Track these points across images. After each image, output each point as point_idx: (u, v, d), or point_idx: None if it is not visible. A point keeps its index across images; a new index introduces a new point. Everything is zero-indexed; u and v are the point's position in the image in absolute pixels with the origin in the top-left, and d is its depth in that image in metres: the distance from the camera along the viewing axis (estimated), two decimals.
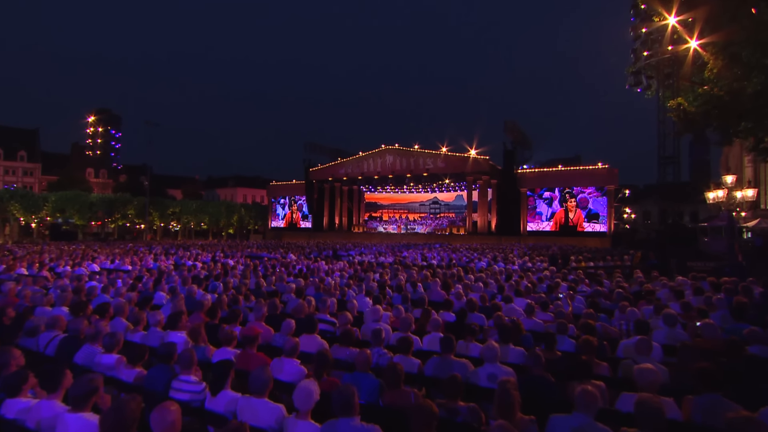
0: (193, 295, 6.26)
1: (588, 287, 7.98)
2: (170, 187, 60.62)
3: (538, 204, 33.19)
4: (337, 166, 41.21)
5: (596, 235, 29.96)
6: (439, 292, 7.68)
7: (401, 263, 14.20)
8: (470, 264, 14.25)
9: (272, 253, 17.64)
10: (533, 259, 14.61)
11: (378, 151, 38.94)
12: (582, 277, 8.20)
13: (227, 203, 52.24)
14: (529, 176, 33.76)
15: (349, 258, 16.97)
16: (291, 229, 46.37)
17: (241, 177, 71.88)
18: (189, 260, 13.15)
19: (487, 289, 7.76)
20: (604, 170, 30.14)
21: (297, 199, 46.75)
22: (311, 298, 6.21)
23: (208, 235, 50.69)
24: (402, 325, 4.76)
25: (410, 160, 37.02)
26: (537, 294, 7.18)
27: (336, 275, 10.37)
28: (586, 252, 17.00)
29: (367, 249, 21.83)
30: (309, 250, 20.10)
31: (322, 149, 44.48)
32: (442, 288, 7.87)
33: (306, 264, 12.40)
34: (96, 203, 38.95)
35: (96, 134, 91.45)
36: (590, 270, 10.95)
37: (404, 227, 39.91)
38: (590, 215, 30.80)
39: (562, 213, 31.97)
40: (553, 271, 10.32)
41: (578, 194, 31.30)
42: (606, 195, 30.13)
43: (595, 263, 13.21)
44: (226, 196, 65.67)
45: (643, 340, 3.39)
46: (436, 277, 9.08)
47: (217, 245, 23.41)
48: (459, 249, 21.19)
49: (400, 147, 37.95)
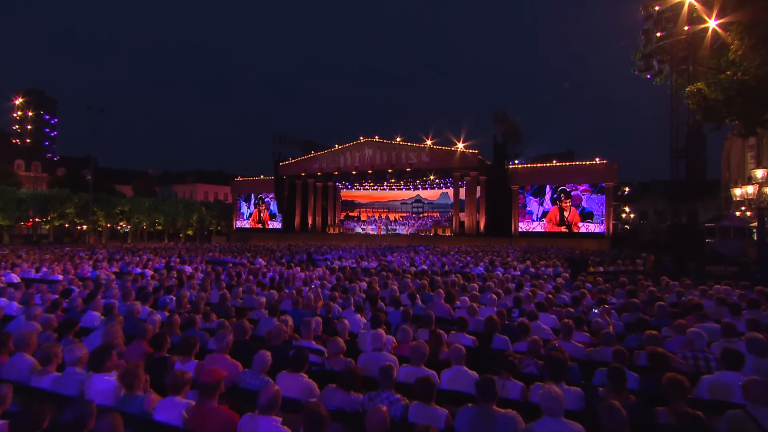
0: (136, 315, 5.24)
1: (613, 297, 7.38)
2: (119, 183, 57.77)
3: (529, 202, 33.12)
4: (310, 160, 40.26)
5: (593, 236, 30.05)
6: (443, 306, 6.92)
7: (388, 269, 13.46)
8: (465, 269, 13.74)
9: (238, 258, 16.60)
10: (536, 263, 14.10)
11: (356, 144, 38.18)
12: (607, 286, 7.58)
13: (185, 201, 50.32)
14: (521, 172, 33.67)
15: (327, 263, 16.05)
16: (258, 229, 45.19)
17: (201, 172, 69.51)
18: (137, 267, 11.93)
19: (499, 301, 7.03)
20: (602, 165, 30.28)
21: (265, 197, 45.60)
22: (288, 317, 5.30)
23: (163, 237, 48.69)
24: (413, 355, 3.94)
25: (391, 153, 36.43)
26: (561, 307, 6.51)
27: (315, 284, 9.47)
28: (592, 255, 16.67)
29: (346, 252, 20.94)
30: (280, 253, 19.09)
31: (294, 141, 43.40)
32: (445, 300, 7.10)
33: (278, 271, 11.43)
34: (26, 200, 36.32)
35: (25, 119, 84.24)
36: (608, 276, 10.46)
37: (384, 228, 39.25)
38: (583, 214, 30.89)
39: (556, 212, 31.95)
40: (566, 278, 9.74)
41: (571, 191, 31.34)
42: (603, 192, 30.27)
43: (605, 267, 12.80)
44: (185, 193, 63.41)
45: (757, 382, 2.68)
46: (438, 286, 8.31)
47: (173, 249, 22.00)
48: (449, 252, 20.59)
49: (381, 139, 37.30)
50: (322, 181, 41.59)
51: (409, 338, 4.73)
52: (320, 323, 5.30)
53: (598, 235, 29.94)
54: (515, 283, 9.80)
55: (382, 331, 4.38)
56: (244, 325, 4.67)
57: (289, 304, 6.88)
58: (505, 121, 33.03)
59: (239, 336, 4.63)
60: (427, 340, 5.17)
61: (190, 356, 3.92)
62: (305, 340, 4.60)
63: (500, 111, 32.61)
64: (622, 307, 6.31)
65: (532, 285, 8.41)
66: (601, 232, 30.12)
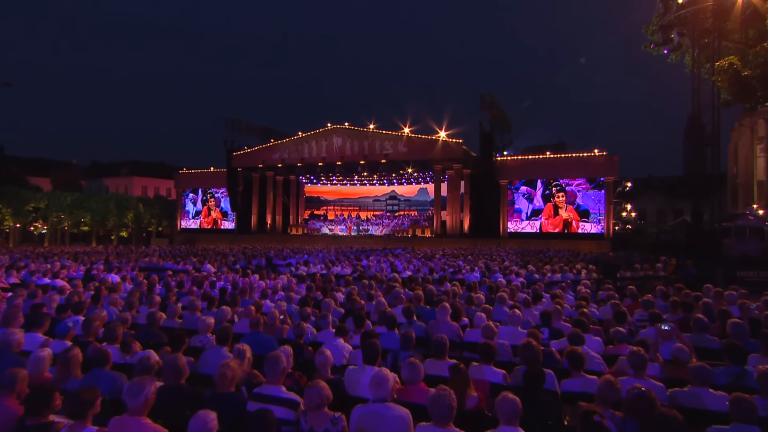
0: (12, 350, 3.96)
1: (656, 313, 6.58)
2: (33, 174, 54.05)
3: (518, 199, 32.91)
4: (268, 150, 39.03)
5: (591, 237, 30.07)
6: (449, 326, 5.96)
7: (366, 275, 12.46)
8: (457, 276, 12.98)
9: (181, 264, 15.25)
10: (541, 268, 13.42)
11: (322, 132, 37.26)
12: (650, 299, 6.80)
13: (119, 197, 47.80)
14: (510, 165, 33.43)
15: (291, 269, 14.94)
16: (208, 230, 43.74)
17: (138, 163, 66.26)
18: (46, 277, 10.40)
19: (522, 317, 6.11)
20: (601, 158, 30.29)
21: (215, 193, 44.14)
22: (244, 346, 4.16)
23: (91, 239, 46.06)
24: (435, 409, 2.91)
25: (363, 143, 35.69)
26: (597, 324, 5.67)
27: (280, 297, 8.35)
28: (613, 259, 16.21)
29: (312, 256, 19.99)
30: (234, 258, 17.85)
31: (250, 128, 41.98)
32: (452, 317, 6.13)
33: (231, 279, 10.21)
34: None
35: None
36: (636, 284, 9.81)
37: (355, 228, 38.54)
38: (579, 213, 30.81)
39: (550, 210, 31.87)
40: (588, 285, 8.99)
41: (565, 187, 31.31)
42: (602, 188, 30.31)
43: (621, 273, 12.25)
44: (118, 187, 60.18)
45: None
46: (435, 297, 7.33)
47: (100, 253, 20.19)
48: (434, 256, 19.81)
49: (351, 126, 36.50)
50: (283, 175, 40.56)
51: (419, 376, 3.71)
52: (290, 355, 4.19)
53: (597, 236, 29.97)
54: (529, 293, 9.04)
55: (386, 371, 3.31)
56: (177, 363, 3.50)
57: (245, 324, 5.73)
58: (493, 106, 32.75)
59: (171, 379, 3.47)
60: (443, 377, 4.20)
61: (84, 420, 2.74)
62: (271, 384, 3.48)
63: (487, 94, 32.35)
64: (681, 324, 5.50)
65: (552, 296, 7.54)
66: (599, 233, 30.15)
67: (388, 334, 5.47)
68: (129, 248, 25.46)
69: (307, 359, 4.93)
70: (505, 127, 36.31)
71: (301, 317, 5.96)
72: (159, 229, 48.73)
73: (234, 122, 40.19)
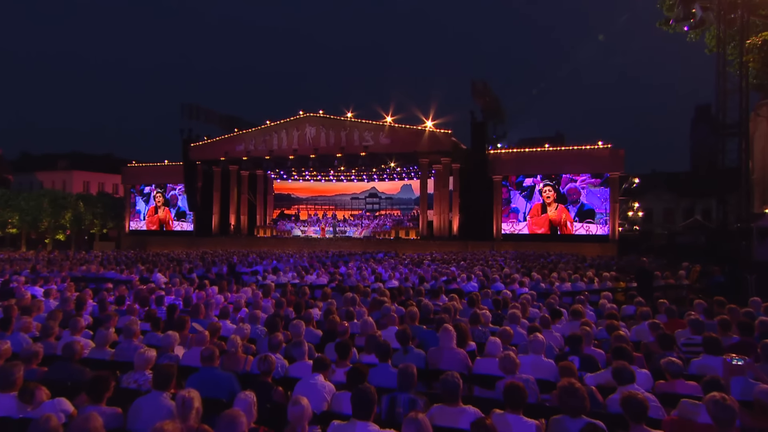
0: None
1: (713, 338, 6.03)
2: None
3: (514, 197, 32.69)
4: (232, 141, 38.23)
5: (594, 239, 30.02)
6: (454, 354, 5.31)
7: (345, 285, 11.73)
8: (452, 286, 12.42)
9: (126, 273, 14.35)
10: (547, 277, 12.98)
11: (294, 120, 36.65)
12: (697, 318, 6.23)
13: (54, 193, 45.93)
14: (504, 159, 33.27)
15: (257, 278, 14.24)
16: (162, 233, 42.74)
17: (80, 155, 63.87)
18: None
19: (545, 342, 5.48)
20: (606, 151, 30.26)
21: (171, 189, 43.12)
22: (192, 393, 3.38)
23: (20, 243, 44.35)
24: None
25: (340, 133, 35.29)
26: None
27: (242, 315, 7.65)
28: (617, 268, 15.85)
29: (283, 262, 19.33)
30: (190, 265, 16.95)
31: (210, 115, 41.14)
32: (458, 343, 5.48)
33: (183, 293, 9.38)
34: None
35: None
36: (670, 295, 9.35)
37: (331, 230, 38.26)
38: (582, 212, 30.65)
39: (538, 208, 31.81)
40: (609, 298, 8.47)
41: (567, 183, 31.17)
42: (607, 185, 30.28)
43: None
44: (55, 183, 57.87)
45: None
46: (431, 314, 6.65)
47: (27, 261, 18.96)
48: (422, 261, 19.32)
49: (326, 115, 36.03)
50: (249, 169, 40.04)
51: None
52: (253, 404, 3.45)
53: (601, 238, 29.94)
54: (540, 306, 8.51)
55: None
56: (88, 428, 2.71)
57: (196, 355, 4.94)
58: (486, 93, 32.52)
59: None
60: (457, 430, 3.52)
61: None
62: None
63: (479, 80, 32.10)
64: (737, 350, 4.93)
65: (573, 313, 6.94)
66: (603, 235, 30.13)
67: (380, 366, 4.78)
68: (65, 254, 24.16)
69: (276, 403, 4.20)
70: (499, 117, 36.16)
71: (270, 346, 5.19)
72: (104, 232, 47.33)
73: (192, 109, 39.23)
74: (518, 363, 4.52)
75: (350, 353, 5.05)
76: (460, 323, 6.05)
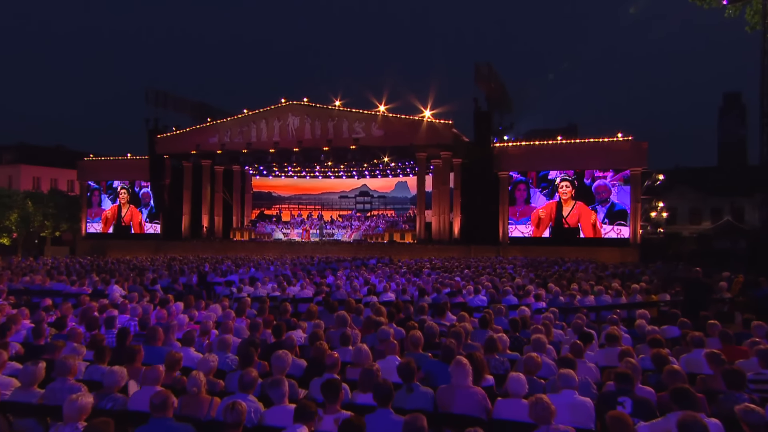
0: None
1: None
2: None
3: (534, 196, 32.43)
4: (204, 132, 37.82)
5: (611, 243, 29.79)
6: (469, 394, 4.80)
7: (334, 299, 11.29)
8: (456, 299, 12.06)
9: (77, 285, 13.81)
10: (566, 289, 12.64)
11: (275, 109, 36.32)
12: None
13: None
14: (512, 153, 33.06)
15: (232, 290, 13.74)
16: (124, 236, 42.22)
17: (28, 147, 62.56)
18: None
19: (582, 378, 4.98)
20: (626, 144, 30.00)
21: (135, 186, 42.72)
22: None
23: None
24: None
25: (327, 124, 34.95)
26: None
27: (213, 339, 7.15)
28: (648, 275, 15.47)
29: (262, 270, 19.12)
30: (154, 275, 16.50)
31: (180, 103, 40.93)
32: (474, 378, 4.96)
33: (141, 311, 8.81)
34: None
35: None
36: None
37: (317, 232, 38.19)
38: (613, 213, 30.26)
39: (552, 207, 31.60)
40: (646, 317, 7.99)
41: (590, 179, 30.88)
42: (628, 182, 30.01)
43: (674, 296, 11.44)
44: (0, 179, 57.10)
45: None
46: (437, 339, 6.13)
47: None
48: (420, 269, 19.06)
49: (311, 103, 35.75)
50: (224, 164, 39.79)
51: None
52: None
53: (620, 242, 29.70)
54: (562, 327, 8.08)
55: None
56: None
57: (144, 398, 4.36)
58: (491, 78, 32.29)
59: None
60: None
61: None
62: None
63: (484, 64, 31.84)
64: None
65: (609, 338, 6.46)
66: (624, 238, 29.88)
67: (379, 413, 4.25)
68: (7, 261, 23.44)
69: None
70: (506, 106, 36.20)
71: (241, 385, 4.65)
72: (57, 235, 46.43)
73: (159, 95, 38.93)
74: (553, 411, 3.99)
75: (341, 394, 4.51)
76: (474, 353, 5.53)
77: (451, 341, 6.04)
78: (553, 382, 5.14)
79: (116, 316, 7.94)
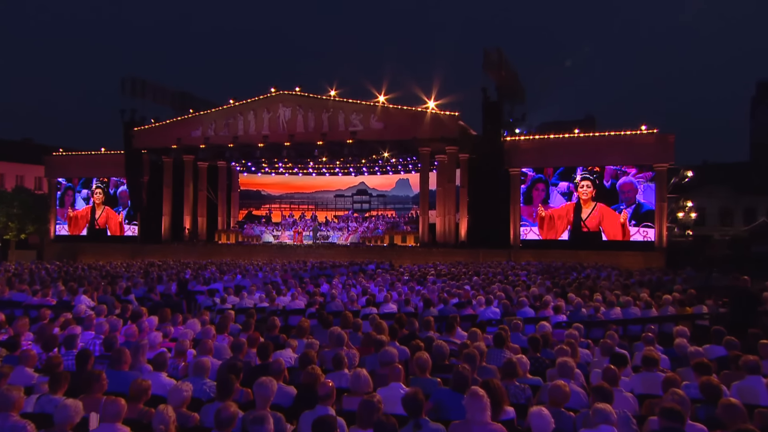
0: None
1: None
2: None
3: (553, 195, 32.39)
4: (186, 124, 38.04)
5: (633, 246, 29.65)
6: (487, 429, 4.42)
7: (328, 311, 11.23)
8: (466, 311, 12.00)
9: (40, 295, 13.58)
10: (588, 299, 12.50)
11: (264, 99, 36.60)
12: None
13: None
14: (524, 147, 33.04)
15: (215, 301, 13.68)
16: (97, 238, 42.33)
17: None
18: None
19: (620, 413, 4.64)
20: (651, 137, 29.79)
21: (109, 184, 42.75)
22: None
23: None
24: None
25: (322, 116, 35.10)
26: None
27: (187, 365, 6.84)
28: (679, 283, 15.22)
29: (250, 277, 19.25)
30: (128, 283, 16.38)
31: (159, 93, 41.00)
32: (492, 412, 4.61)
33: (108, 327, 8.45)
34: None
35: None
36: None
37: (310, 235, 38.25)
38: (640, 215, 30.00)
39: (569, 208, 31.58)
40: (684, 333, 7.69)
41: (617, 178, 30.68)
42: (654, 180, 29.80)
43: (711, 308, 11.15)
44: None
45: None
46: (461, 369, 5.79)
47: None
48: (425, 276, 19.00)
49: (305, 93, 35.96)
50: (209, 159, 40.00)
51: None
52: None
53: (645, 246, 29.52)
54: (588, 345, 7.78)
55: None
56: None
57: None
58: (502, 66, 32.18)
59: None
60: None
61: None
62: None
63: (494, 49, 31.76)
64: None
65: (647, 361, 6.12)
66: (648, 241, 29.69)
67: None
68: None
69: None
70: (518, 96, 36.25)
71: (218, 422, 4.28)
72: (22, 237, 46.14)
73: (135, 83, 38.85)
74: None
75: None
76: (491, 381, 5.18)
77: (464, 367, 5.69)
78: (585, 416, 4.82)
79: (78, 333, 7.62)
